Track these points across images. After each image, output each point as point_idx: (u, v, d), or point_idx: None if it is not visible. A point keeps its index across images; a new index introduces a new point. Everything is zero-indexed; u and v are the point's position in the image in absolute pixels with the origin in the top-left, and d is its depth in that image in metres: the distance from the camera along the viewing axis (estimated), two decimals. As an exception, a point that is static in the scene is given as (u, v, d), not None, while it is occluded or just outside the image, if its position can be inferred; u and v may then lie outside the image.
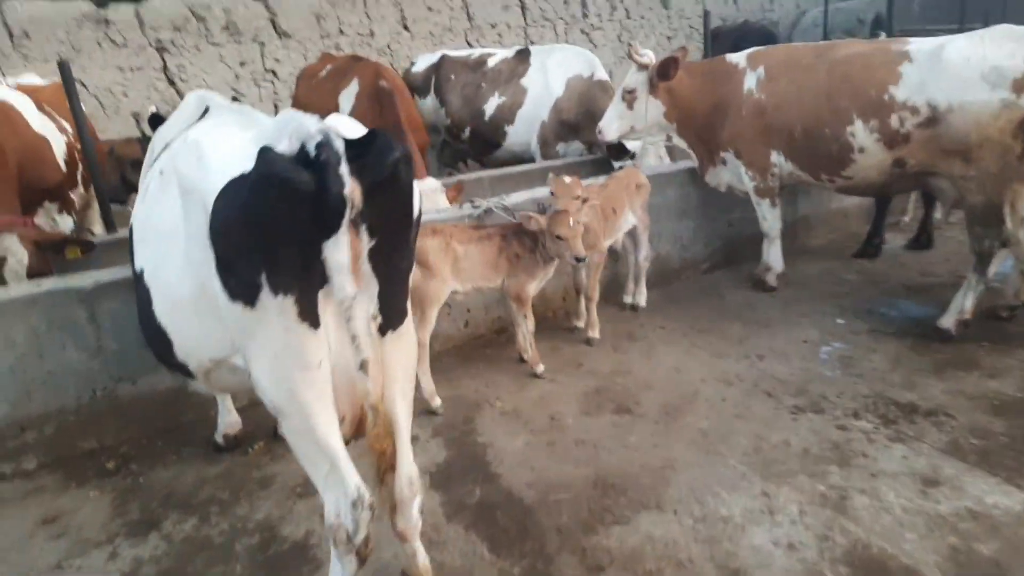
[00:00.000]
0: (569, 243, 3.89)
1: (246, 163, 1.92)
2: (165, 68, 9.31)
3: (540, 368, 4.28)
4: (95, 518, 3.23)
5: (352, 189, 1.90)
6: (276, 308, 2.00)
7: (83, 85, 8.83)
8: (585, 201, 4.36)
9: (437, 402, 3.93)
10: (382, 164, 1.98)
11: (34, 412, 3.61)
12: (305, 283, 2.00)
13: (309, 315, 2.03)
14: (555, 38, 12.24)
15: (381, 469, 2.29)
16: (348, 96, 5.60)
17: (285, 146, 1.92)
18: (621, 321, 5.04)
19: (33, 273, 3.80)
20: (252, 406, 3.85)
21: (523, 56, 6.82)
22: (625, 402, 3.95)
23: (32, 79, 5.80)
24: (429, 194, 4.86)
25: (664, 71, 5.09)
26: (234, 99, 9.44)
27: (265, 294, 1.99)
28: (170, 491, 3.42)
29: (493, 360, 4.54)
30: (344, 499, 2.16)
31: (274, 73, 9.98)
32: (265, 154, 1.88)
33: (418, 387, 3.20)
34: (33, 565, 2.94)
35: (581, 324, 4.82)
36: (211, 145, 2.24)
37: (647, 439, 3.58)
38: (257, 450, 3.71)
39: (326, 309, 2.07)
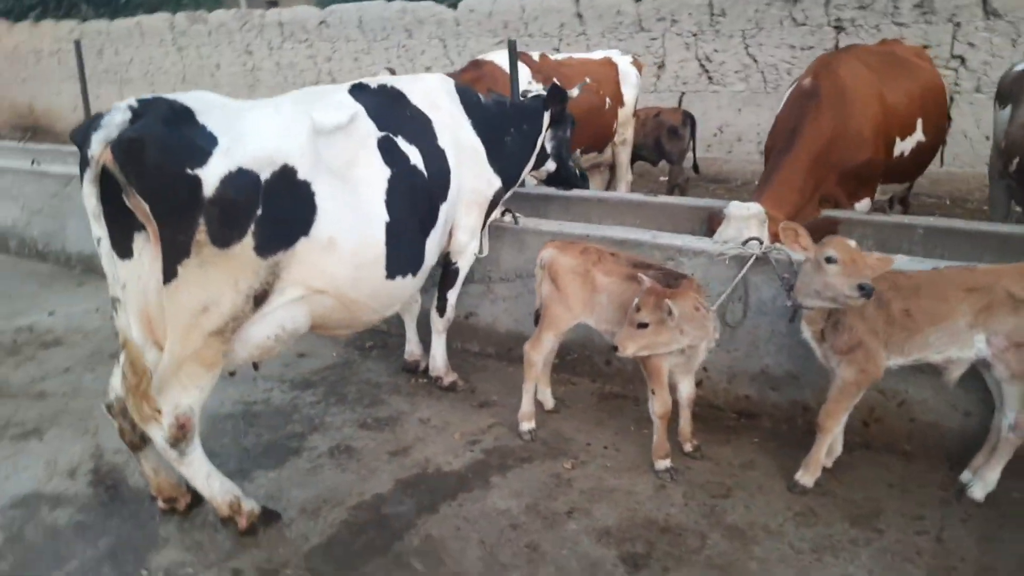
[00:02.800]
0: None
1: None
2: (837, 48, 8.89)
3: (662, 464, 3.22)
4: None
5: (98, 152, 2.40)
6: None
7: (754, 60, 9.40)
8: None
9: (525, 427, 3.54)
10: (118, 140, 2.38)
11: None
12: (111, 221, 2.59)
13: (117, 246, 2.63)
14: None
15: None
16: (789, 90, 4.61)
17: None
18: (891, 493, 3.04)
19: None
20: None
21: None
22: (662, 559, 2.72)
23: (585, 54, 6.87)
24: (742, 219, 3.85)
25: None
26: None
27: None
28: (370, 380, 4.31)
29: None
30: None
31: (961, 60, 8.22)
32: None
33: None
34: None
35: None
36: None
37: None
38: (415, 383, 4.23)
39: (144, 250, 2.62)
